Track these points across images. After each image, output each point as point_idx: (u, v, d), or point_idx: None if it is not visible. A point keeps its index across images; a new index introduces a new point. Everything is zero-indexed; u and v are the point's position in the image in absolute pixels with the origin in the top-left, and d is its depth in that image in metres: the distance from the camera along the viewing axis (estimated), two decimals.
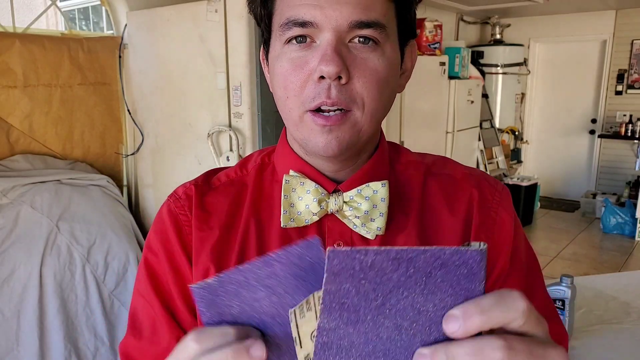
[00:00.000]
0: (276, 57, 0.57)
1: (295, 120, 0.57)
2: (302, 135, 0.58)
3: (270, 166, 0.67)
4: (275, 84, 0.58)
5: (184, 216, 0.64)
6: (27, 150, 2.52)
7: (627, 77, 5.60)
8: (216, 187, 0.67)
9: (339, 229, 0.62)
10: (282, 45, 0.56)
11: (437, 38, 4.33)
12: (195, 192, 0.66)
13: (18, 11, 2.54)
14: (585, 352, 1.33)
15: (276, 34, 0.57)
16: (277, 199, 0.63)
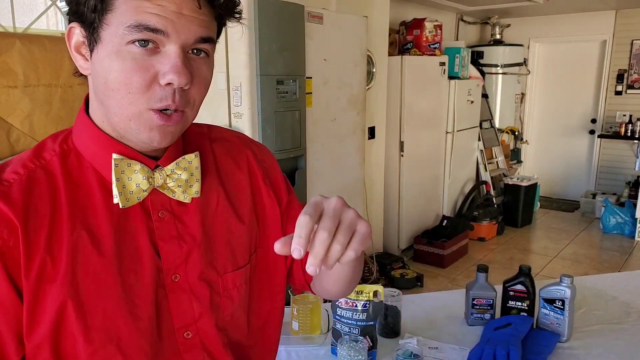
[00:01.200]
0: (113, 52, 0.61)
1: (132, 114, 0.63)
2: (137, 128, 0.64)
3: (72, 152, 0.68)
4: (110, 77, 0.61)
5: None
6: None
7: (627, 77, 5.60)
8: (15, 188, 0.63)
9: (160, 200, 0.70)
10: (122, 43, 0.60)
11: (437, 38, 4.33)
12: (2, 201, 0.61)
13: (18, 11, 2.55)
14: (585, 352, 1.34)
15: (116, 30, 0.60)
16: (93, 183, 0.67)
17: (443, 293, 1.83)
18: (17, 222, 0.61)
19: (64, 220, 0.64)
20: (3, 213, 0.61)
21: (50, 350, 0.63)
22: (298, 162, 2.76)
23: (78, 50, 0.65)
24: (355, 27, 3.14)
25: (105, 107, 0.64)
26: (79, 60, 0.66)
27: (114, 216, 0.67)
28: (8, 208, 0.61)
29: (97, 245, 0.65)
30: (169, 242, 0.70)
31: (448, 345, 1.36)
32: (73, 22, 0.64)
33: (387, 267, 3.82)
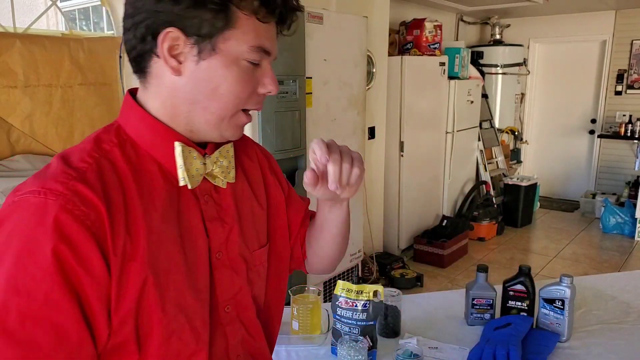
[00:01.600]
0: (231, 63, 0.70)
1: (231, 115, 0.74)
2: (227, 126, 0.75)
3: (128, 142, 0.74)
4: (223, 85, 0.71)
5: (81, 212, 0.63)
6: (28, 150, 2.52)
7: (627, 77, 5.60)
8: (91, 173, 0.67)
9: (204, 185, 0.78)
10: (240, 58, 0.71)
11: (437, 38, 4.33)
12: (84, 186, 0.65)
13: (18, 11, 2.55)
14: (584, 352, 1.34)
15: (237, 46, 0.70)
16: (153, 169, 0.73)
17: (443, 293, 1.83)
18: (100, 204, 0.64)
19: (136, 203, 0.69)
20: (86, 195, 0.64)
21: (133, 324, 0.68)
22: (298, 162, 2.76)
23: (172, 53, 0.69)
24: (355, 27, 3.14)
25: (201, 107, 0.72)
26: (172, 62, 0.70)
27: (173, 199, 0.74)
28: (90, 191, 0.64)
29: (165, 226, 0.72)
30: (214, 223, 0.79)
31: (448, 345, 1.36)
32: (171, 27, 0.67)
33: (387, 267, 3.82)
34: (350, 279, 3.32)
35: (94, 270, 0.63)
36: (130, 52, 0.72)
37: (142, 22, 0.68)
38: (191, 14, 0.67)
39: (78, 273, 0.62)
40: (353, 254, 3.32)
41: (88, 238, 0.63)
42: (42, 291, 0.61)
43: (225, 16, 0.67)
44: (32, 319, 0.60)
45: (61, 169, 0.66)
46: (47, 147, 2.59)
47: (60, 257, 0.61)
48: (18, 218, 0.62)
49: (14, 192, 0.65)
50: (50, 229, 0.61)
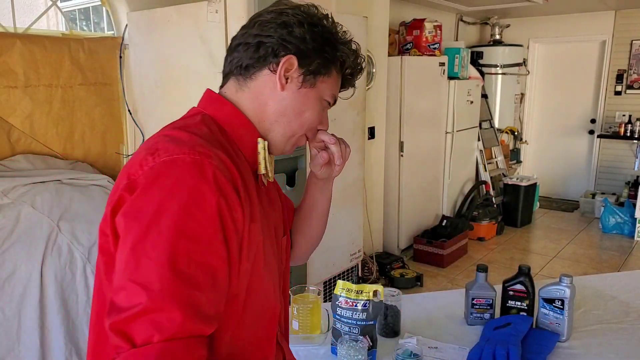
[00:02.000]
0: (318, 100, 0.91)
1: (298, 134, 0.93)
2: (288, 142, 0.93)
3: (221, 130, 0.87)
4: (307, 114, 0.91)
5: (228, 174, 0.76)
6: (28, 150, 2.52)
7: (627, 77, 5.61)
8: (217, 147, 0.80)
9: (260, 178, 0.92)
10: (322, 97, 0.92)
11: (436, 38, 4.33)
12: (222, 154, 0.78)
13: (19, 11, 2.55)
14: (584, 351, 1.34)
15: (325, 90, 0.91)
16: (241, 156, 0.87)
17: (443, 293, 1.83)
18: (235, 171, 0.78)
19: (245, 175, 0.83)
20: (226, 162, 0.77)
21: (246, 281, 0.81)
22: (298, 162, 2.76)
23: (285, 75, 0.87)
24: (355, 28, 3.14)
25: (283, 120, 0.90)
26: (282, 80, 0.87)
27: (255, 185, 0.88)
28: (228, 159, 0.78)
29: (264, 203, 0.90)
30: (273, 209, 0.97)
31: (448, 345, 1.37)
32: (291, 54, 0.86)
33: (386, 266, 3.83)
34: (350, 279, 3.32)
35: (238, 225, 0.76)
36: (241, 60, 0.88)
37: (270, 44, 0.86)
38: (311, 55, 0.87)
39: (229, 226, 0.74)
40: (353, 254, 3.32)
41: (235, 196, 0.75)
42: (207, 236, 0.71)
43: (329, 67, 0.90)
44: (196, 261, 0.70)
45: (197, 140, 0.78)
46: (47, 147, 2.59)
47: (220, 208, 0.73)
48: (180, 173, 0.72)
49: (154, 155, 0.74)
50: (212, 184, 0.72)
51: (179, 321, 0.66)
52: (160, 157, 0.74)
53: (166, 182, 0.72)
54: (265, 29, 0.86)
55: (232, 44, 0.91)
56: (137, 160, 0.76)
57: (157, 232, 0.69)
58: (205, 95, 0.94)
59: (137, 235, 0.70)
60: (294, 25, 0.86)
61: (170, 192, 0.71)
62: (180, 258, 0.68)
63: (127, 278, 0.68)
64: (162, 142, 0.77)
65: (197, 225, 0.70)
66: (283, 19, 0.86)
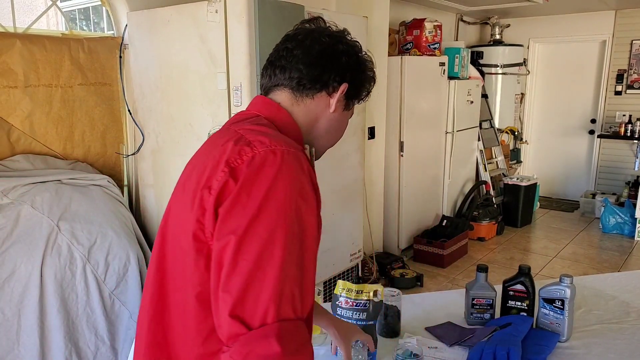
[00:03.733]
0: (347, 117, 1.05)
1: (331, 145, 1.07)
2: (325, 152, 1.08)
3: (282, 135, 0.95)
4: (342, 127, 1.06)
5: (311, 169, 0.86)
6: (28, 150, 2.52)
7: (627, 77, 5.61)
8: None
9: None
10: (348, 116, 1.05)
11: (436, 38, 4.33)
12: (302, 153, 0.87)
13: (19, 11, 2.55)
14: (584, 351, 1.34)
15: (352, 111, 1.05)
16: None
17: (443, 293, 1.83)
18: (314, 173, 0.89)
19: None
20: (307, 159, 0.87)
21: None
22: None
23: (337, 98, 0.98)
24: (355, 28, 3.13)
25: (329, 136, 1.03)
26: (333, 103, 0.99)
27: None
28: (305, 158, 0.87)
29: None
30: None
31: (448, 345, 1.36)
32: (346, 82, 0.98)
33: (386, 267, 3.82)
34: (350, 279, 3.32)
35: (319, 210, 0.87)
36: (302, 81, 0.95)
37: (334, 71, 0.96)
38: (356, 82, 1.00)
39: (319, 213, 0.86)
40: (353, 254, 3.32)
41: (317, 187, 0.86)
42: (311, 225, 0.81)
43: (362, 92, 1.02)
44: (304, 249, 0.80)
45: (281, 136, 0.89)
46: (47, 147, 2.59)
47: (316, 198, 0.85)
48: (281, 163, 0.81)
49: (251, 146, 0.83)
50: (307, 175, 0.83)
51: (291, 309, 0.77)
52: (258, 148, 0.82)
53: (272, 171, 0.79)
54: (328, 56, 0.96)
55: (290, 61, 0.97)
56: (235, 150, 0.83)
57: (267, 223, 0.77)
58: (258, 100, 1.00)
59: (249, 227, 0.76)
60: (349, 55, 0.98)
61: (277, 181, 0.78)
62: (292, 247, 0.77)
63: (241, 270, 0.75)
64: (252, 136, 0.85)
65: (303, 213, 0.80)
66: (343, 48, 0.97)
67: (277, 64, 0.98)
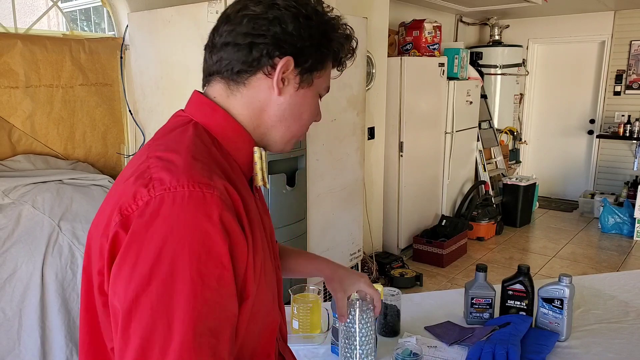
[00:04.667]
0: (313, 96, 0.86)
1: (299, 134, 0.87)
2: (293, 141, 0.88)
3: (215, 141, 0.80)
4: (306, 112, 0.86)
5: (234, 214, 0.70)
6: (29, 150, 2.53)
7: (626, 77, 5.62)
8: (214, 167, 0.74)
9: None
10: (318, 92, 0.87)
11: (436, 39, 4.34)
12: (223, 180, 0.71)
13: (20, 12, 2.55)
14: (583, 351, 1.35)
15: (320, 84, 0.86)
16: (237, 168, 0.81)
17: (442, 292, 1.84)
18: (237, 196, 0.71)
19: (243, 191, 0.75)
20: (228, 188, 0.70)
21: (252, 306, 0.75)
22: (298, 162, 2.77)
23: (282, 75, 0.80)
24: (355, 28, 3.12)
25: (285, 125, 0.84)
26: (279, 83, 0.80)
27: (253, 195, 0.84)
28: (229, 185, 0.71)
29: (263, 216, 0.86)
30: (265, 216, 0.90)
31: (447, 345, 1.37)
32: (289, 55, 0.78)
33: (386, 266, 3.83)
34: None
35: (242, 261, 0.70)
36: (231, 63, 0.78)
37: (263, 44, 0.76)
38: (307, 52, 0.79)
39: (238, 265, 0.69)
40: (353, 254, 3.33)
41: (240, 231, 0.69)
42: (221, 283, 0.66)
43: (325, 61, 0.83)
44: (214, 313, 0.65)
45: (193, 165, 0.69)
46: (48, 147, 2.59)
47: (231, 251, 0.67)
48: (180, 212, 0.64)
49: (148, 187, 0.66)
50: (218, 225, 0.65)
51: None
52: (155, 190, 0.65)
53: (165, 224, 0.63)
54: (256, 26, 0.76)
55: (218, 41, 0.80)
56: (130, 192, 0.67)
57: (163, 285, 0.62)
58: (193, 98, 0.84)
59: (140, 292, 0.62)
60: (288, 20, 0.76)
61: (172, 237, 0.63)
62: (199, 312, 0.63)
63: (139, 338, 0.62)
64: (156, 170, 0.68)
65: (208, 272, 0.64)
66: (275, 14, 0.76)
67: (207, 45, 0.84)
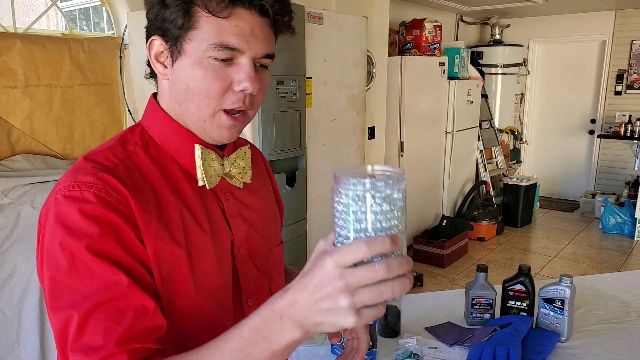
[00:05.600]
0: (196, 63, 0.72)
1: (208, 114, 0.75)
2: (210, 127, 0.76)
3: (151, 144, 0.79)
4: (192, 84, 0.73)
5: (115, 199, 0.69)
6: (28, 150, 2.52)
7: (627, 77, 5.61)
8: (117, 169, 0.72)
9: (224, 185, 0.83)
10: (204, 56, 0.72)
11: (436, 38, 4.33)
12: (111, 177, 0.70)
13: (19, 11, 2.55)
14: (584, 351, 1.34)
15: (199, 45, 0.71)
16: (175, 169, 0.78)
17: (443, 293, 1.83)
18: (128, 194, 0.69)
19: (166, 193, 0.75)
20: (116, 186, 0.69)
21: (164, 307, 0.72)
22: (298, 162, 2.76)
23: (157, 58, 0.76)
24: (355, 28, 3.14)
25: (183, 108, 0.76)
26: (159, 68, 0.76)
27: (197, 197, 0.79)
28: (118, 182, 0.70)
29: (197, 221, 0.77)
30: (235, 219, 0.83)
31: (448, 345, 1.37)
32: (154, 35, 0.74)
33: None
34: None
35: (131, 246, 0.69)
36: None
37: (147, 34, 0.76)
38: (161, 18, 0.72)
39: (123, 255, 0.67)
40: None
41: (116, 221, 0.68)
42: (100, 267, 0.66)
43: (187, 16, 0.71)
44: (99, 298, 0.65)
45: (90, 165, 0.72)
46: (47, 147, 2.59)
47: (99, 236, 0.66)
48: (60, 210, 0.68)
49: (51, 192, 0.71)
50: (88, 217, 0.67)
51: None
52: (52, 194, 0.71)
53: (50, 221, 0.69)
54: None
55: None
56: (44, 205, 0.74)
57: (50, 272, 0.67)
58: (148, 102, 0.84)
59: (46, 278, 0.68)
60: (148, 3, 0.75)
61: (55, 235, 0.67)
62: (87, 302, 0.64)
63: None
64: (57, 184, 0.72)
65: (85, 267, 0.65)
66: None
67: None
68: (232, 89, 0.74)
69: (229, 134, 0.78)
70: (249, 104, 0.76)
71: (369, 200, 0.53)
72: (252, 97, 0.76)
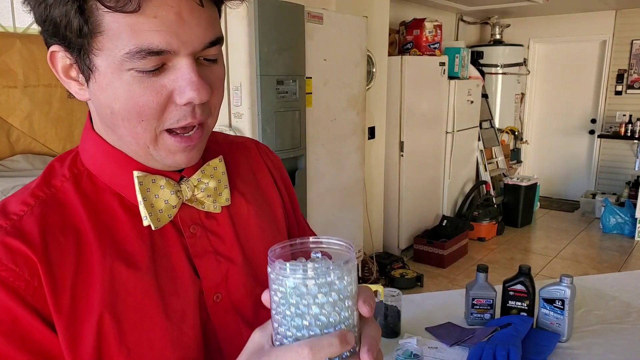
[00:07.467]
0: (115, 80, 0.52)
1: (149, 140, 0.56)
2: (157, 154, 0.58)
3: (84, 175, 0.61)
4: (117, 107, 0.54)
5: (12, 274, 0.53)
6: (28, 150, 2.52)
7: (627, 77, 5.60)
8: (28, 221, 0.56)
9: (189, 214, 0.63)
10: (122, 69, 0.52)
11: (436, 38, 4.33)
12: (15, 239, 0.54)
13: (18, 11, 2.54)
14: (585, 352, 1.34)
15: (113, 55, 0.51)
16: (114, 205, 0.60)
17: (443, 293, 1.83)
18: (35, 259, 0.53)
19: (92, 248, 0.57)
20: (20, 251, 0.53)
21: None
22: (298, 162, 2.76)
23: (68, 75, 0.56)
24: (355, 27, 3.14)
25: (117, 136, 0.58)
26: (73, 86, 0.57)
27: (144, 238, 0.60)
28: (23, 245, 0.53)
29: (133, 272, 0.57)
30: (205, 259, 0.63)
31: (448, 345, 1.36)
32: (54, 45, 0.54)
33: (387, 267, 3.82)
34: None
35: (30, 340, 0.53)
36: None
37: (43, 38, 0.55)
38: (50, 22, 0.51)
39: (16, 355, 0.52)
40: None
41: (19, 304, 0.52)
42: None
43: (82, 17, 0.50)
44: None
45: None
46: (46, 147, 2.58)
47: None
48: None
49: None
50: None
51: None
52: None
53: None
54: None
55: None
56: None
57: None
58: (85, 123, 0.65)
59: None
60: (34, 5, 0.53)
61: None
62: None
63: None
64: None
65: None
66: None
67: None
68: (174, 102, 0.54)
69: (186, 158, 0.59)
70: (202, 115, 0.57)
71: (313, 289, 0.43)
72: (205, 105, 0.57)
